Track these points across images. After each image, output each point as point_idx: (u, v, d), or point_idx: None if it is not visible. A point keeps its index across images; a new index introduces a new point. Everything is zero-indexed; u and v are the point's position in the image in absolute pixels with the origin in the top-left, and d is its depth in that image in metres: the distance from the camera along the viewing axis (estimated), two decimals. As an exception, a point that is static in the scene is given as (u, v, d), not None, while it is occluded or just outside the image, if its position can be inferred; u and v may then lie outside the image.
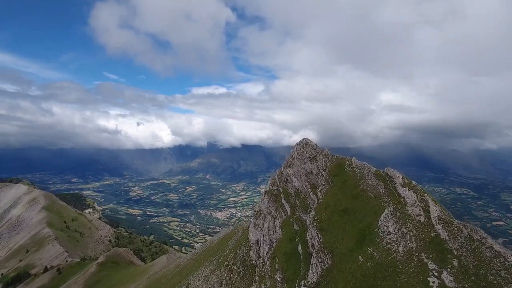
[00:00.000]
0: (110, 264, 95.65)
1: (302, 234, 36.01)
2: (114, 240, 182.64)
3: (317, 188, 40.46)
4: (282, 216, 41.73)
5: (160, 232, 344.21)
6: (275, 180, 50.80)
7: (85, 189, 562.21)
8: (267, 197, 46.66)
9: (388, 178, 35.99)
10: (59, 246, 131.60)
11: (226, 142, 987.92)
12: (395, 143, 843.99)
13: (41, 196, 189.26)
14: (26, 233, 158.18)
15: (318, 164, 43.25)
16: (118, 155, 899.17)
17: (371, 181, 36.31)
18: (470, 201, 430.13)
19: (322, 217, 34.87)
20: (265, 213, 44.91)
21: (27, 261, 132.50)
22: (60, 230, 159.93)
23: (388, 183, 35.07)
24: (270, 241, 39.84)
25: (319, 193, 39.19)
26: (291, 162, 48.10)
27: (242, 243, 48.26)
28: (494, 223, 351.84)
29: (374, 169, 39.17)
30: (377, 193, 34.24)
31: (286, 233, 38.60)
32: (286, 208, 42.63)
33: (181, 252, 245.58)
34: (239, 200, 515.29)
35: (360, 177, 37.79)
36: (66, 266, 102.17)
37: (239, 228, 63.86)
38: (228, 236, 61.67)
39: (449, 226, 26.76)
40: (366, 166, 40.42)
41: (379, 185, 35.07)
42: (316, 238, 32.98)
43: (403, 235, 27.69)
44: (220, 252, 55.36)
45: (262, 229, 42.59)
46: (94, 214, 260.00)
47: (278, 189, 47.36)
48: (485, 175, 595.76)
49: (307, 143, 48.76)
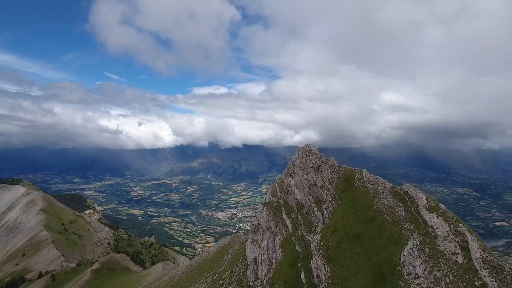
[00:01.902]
0: (105, 271, 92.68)
1: (306, 259, 31.94)
2: (113, 243, 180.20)
3: (323, 204, 36.53)
4: (283, 233, 38.03)
5: (161, 233, 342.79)
6: (275, 189, 47.20)
7: (86, 189, 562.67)
8: (266, 210, 43.05)
9: (408, 197, 30.37)
10: (56, 250, 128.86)
11: (228, 142, 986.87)
12: (397, 143, 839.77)
13: (39, 198, 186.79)
14: (23, 236, 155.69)
15: (323, 175, 39.16)
16: (119, 155, 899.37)
17: (387, 200, 30.96)
18: (472, 202, 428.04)
19: (330, 243, 30.22)
20: (264, 228, 41.37)
21: (23, 265, 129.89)
22: (58, 233, 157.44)
23: (408, 204, 29.52)
24: (269, 261, 36.37)
25: (324, 211, 35.16)
26: (293, 171, 44.43)
27: (238, 259, 44.75)
28: (497, 223, 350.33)
29: (389, 185, 33.64)
30: (395, 216, 28.95)
31: (287, 254, 34.89)
32: (287, 223, 38.95)
33: (181, 253, 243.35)
34: (240, 200, 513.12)
35: (373, 194, 32.64)
36: (61, 272, 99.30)
37: (236, 241, 60.30)
38: (224, 249, 58.25)
39: (498, 273, 20.61)
40: (380, 180, 35.19)
41: (397, 206, 29.72)
42: (322, 269, 28.81)
43: (436, 281, 21.70)
44: (216, 267, 51.96)
45: (261, 247, 39.19)
46: (94, 215, 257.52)
47: (278, 201, 43.70)
48: (487, 175, 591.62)
49: (310, 151, 44.53)
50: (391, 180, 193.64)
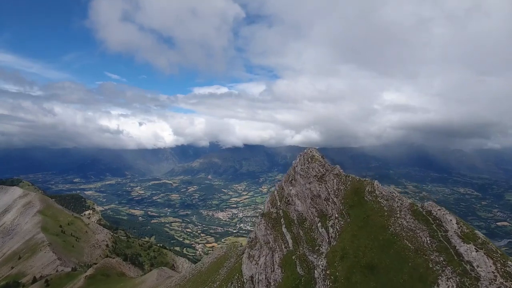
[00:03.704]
0: (100, 276, 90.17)
1: (308, 285, 28.22)
2: (112, 245, 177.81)
3: (328, 220, 32.55)
4: (283, 249, 34.62)
5: (162, 233, 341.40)
6: (275, 197, 43.83)
7: (87, 189, 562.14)
8: (264, 222, 39.63)
9: (433, 219, 24.37)
10: (52, 253, 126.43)
11: (228, 142, 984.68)
12: (399, 143, 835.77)
13: (37, 199, 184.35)
14: (20, 238, 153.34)
15: (328, 186, 34.85)
16: (120, 155, 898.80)
17: (406, 221, 25.47)
18: (474, 202, 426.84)
19: (338, 273, 25.34)
20: (262, 243, 38.05)
21: (18, 268, 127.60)
22: (55, 235, 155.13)
23: (434, 228, 23.75)
24: (267, 282, 33.39)
25: (330, 228, 31.08)
26: (294, 178, 40.97)
27: (234, 276, 41.83)
28: (498, 223, 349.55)
29: (408, 202, 27.87)
30: (418, 243, 23.25)
31: (287, 277, 31.39)
32: (287, 238, 35.44)
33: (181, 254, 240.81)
34: (241, 200, 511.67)
35: (388, 212, 27.33)
36: (55, 277, 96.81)
37: (232, 252, 57.16)
38: (220, 262, 55.26)
39: None
40: (395, 195, 29.73)
41: (420, 230, 24.01)
42: (330, 304, 24.30)
43: None
44: (210, 282, 49.06)
45: (258, 264, 36.21)
46: (94, 216, 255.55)
47: (277, 212, 40.21)
48: (489, 175, 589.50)
49: (312, 157, 39.94)
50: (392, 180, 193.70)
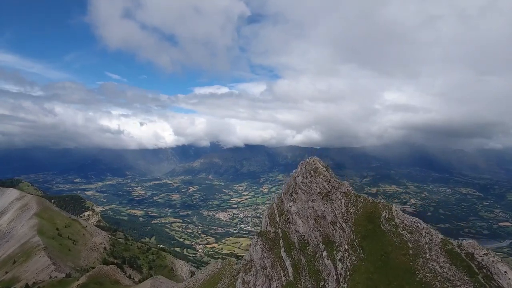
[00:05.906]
0: (93, 285, 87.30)
1: None
2: (110, 248, 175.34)
3: (335, 251, 26.57)
4: (281, 279, 29.42)
5: (162, 234, 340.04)
6: (273, 212, 39.14)
7: (87, 189, 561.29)
8: (261, 243, 34.54)
9: (477, 265, 18.58)
10: (47, 258, 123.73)
11: (229, 142, 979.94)
12: (400, 143, 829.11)
13: (34, 201, 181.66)
14: (15, 242, 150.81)
15: (334, 206, 29.18)
16: (120, 155, 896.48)
17: (439, 265, 19.42)
18: (475, 202, 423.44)
19: None
20: (258, 267, 33.10)
21: (13, 273, 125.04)
22: (51, 238, 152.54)
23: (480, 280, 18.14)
24: (264, 317, 29.38)
25: (339, 263, 25.16)
26: (294, 190, 36.17)
27: (228, 302, 38.21)
28: (500, 224, 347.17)
29: (439, 238, 21.08)
30: None
31: None
32: (286, 265, 30.11)
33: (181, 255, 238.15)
34: (241, 200, 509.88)
35: (414, 250, 20.82)
36: (47, 285, 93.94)
37: (227, 271, 53.23)
38: (214, 280, 51.60)
39: None
40: (422, 227, 22.55)
41: (461, 282, 18.43)
42: None
43: None
44: (203, 305, 45.82)
45: (254, 292, 32.12)
46: (93, 217, 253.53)
47: (276, 232, 35.30)
48: (490, 175, 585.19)
49: (316, 170, 33.89)
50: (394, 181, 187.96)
